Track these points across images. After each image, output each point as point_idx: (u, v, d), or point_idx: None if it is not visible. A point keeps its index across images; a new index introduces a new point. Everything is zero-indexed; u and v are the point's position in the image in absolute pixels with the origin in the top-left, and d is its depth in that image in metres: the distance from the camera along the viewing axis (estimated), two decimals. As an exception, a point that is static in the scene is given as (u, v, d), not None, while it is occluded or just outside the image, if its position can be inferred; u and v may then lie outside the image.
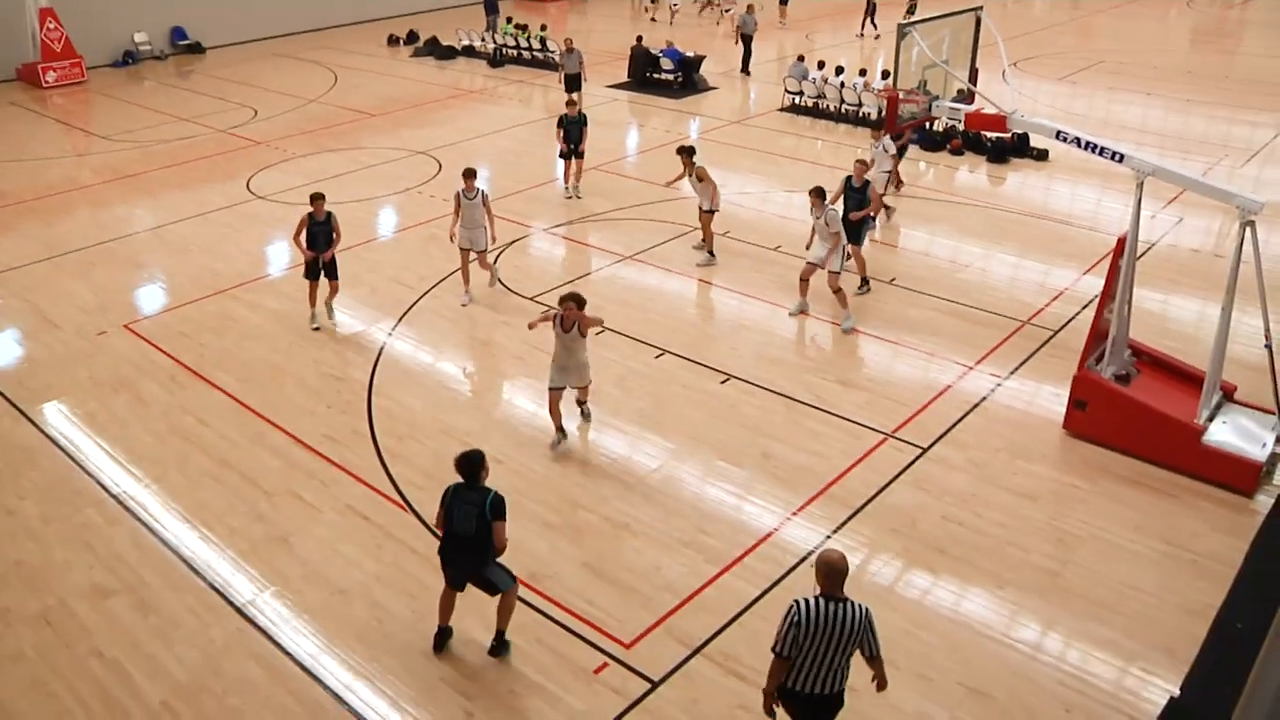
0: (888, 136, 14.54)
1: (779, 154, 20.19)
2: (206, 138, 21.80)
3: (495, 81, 26.68)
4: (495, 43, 28.99)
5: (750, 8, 27.76)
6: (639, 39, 26.07)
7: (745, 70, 26.69)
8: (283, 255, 15.18)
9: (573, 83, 21.45)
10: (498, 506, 7.22)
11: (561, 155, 17.26)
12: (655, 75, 25.99)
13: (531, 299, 13.41)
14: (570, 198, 17.18)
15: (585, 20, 38.21)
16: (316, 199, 12.08)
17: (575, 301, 9.71)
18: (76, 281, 14.26)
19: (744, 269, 14.42)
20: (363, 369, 11.74)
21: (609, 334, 12.50)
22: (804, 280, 12.84)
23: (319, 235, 12.22)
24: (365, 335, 12.53)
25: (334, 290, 12.65)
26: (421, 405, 10.97)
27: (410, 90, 25.71)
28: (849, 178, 13.34)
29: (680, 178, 14.52)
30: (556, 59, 27.04)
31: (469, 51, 29.97)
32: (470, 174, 12.84)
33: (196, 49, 32.94)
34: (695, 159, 14.12)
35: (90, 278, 14.44)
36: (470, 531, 7.27)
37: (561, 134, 17.02)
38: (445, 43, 30.60)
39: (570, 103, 17.41)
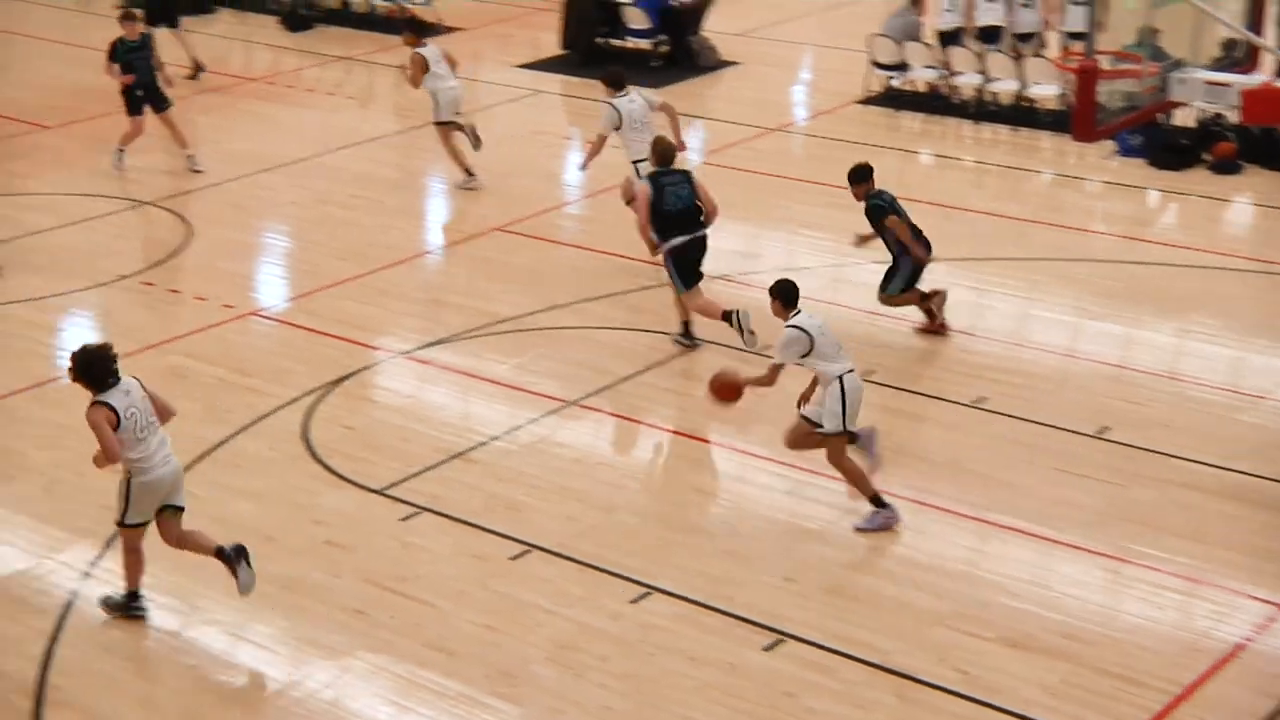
0: None
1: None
2: None
3: (299, 58, 27.58)
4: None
5: None
6: (579, -27, 27.06)
7: None
8: None
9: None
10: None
11: (132, 109, 21.32)
12: (615, 42, 26.92)
13: (382, 493, 13.62)
14: (197, 170, 21.43)
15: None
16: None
17: None
18: None
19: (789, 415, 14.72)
20: (29, 648, 11.77)
21: (538, 561, 12.65)
22: None
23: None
24: (36, 576, 12.66)
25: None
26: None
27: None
28: None
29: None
30: (412, 7, 28.11)
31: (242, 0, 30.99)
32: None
33: None
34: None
35: None
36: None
37: (120, 70, 21.05)
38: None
39: (128, 16, 21.69)
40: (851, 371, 12.66)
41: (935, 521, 13.17)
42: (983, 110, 23.55)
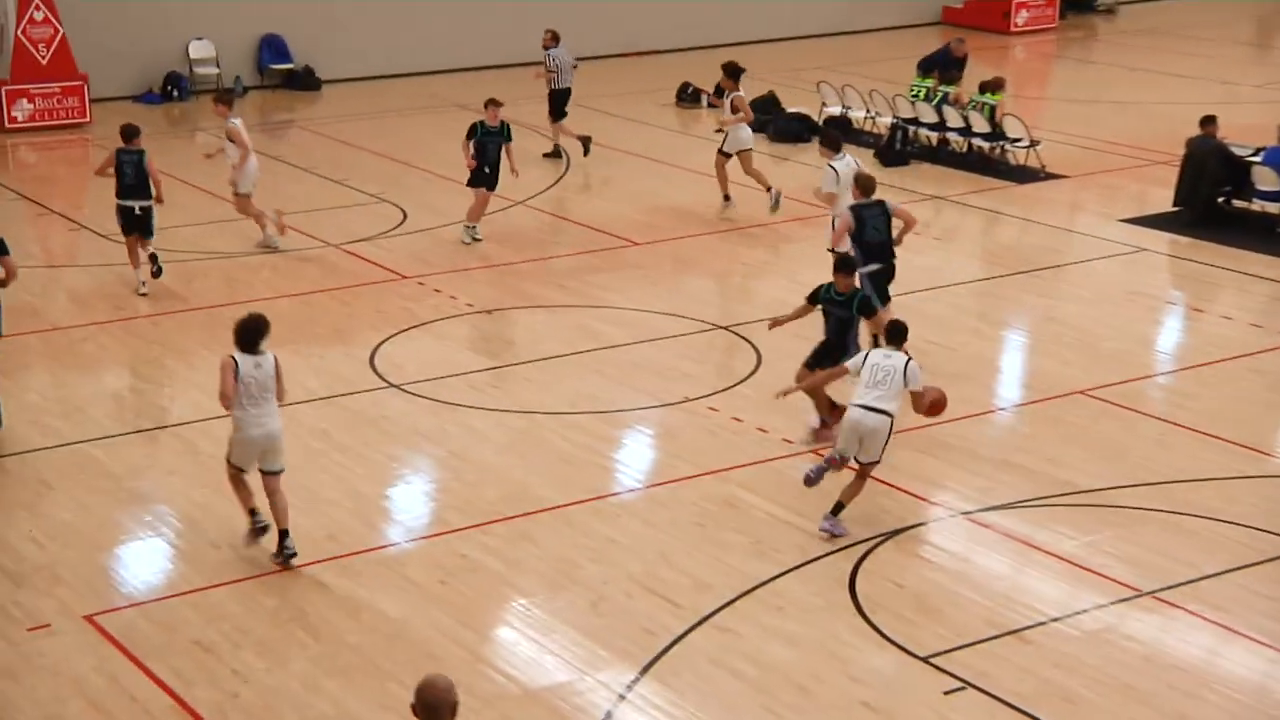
0: None
1: None
2: (302, 256, 23.64)
3: (893, 195, 27.35)
4: (897, 117, 30.34)
5: None
6: (1207, 123, 26.06)
7: None
8: (417, 505, 15.99)
9: (560, 102, 29.76)
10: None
11: (472, 181, 24.45)
12: (1238, 203, 26.10)
13: (926, 660, 13.20)
14: (472, 241, 24.71)
15: (1091, 71, 40.26)
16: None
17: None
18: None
19: None
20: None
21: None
22: None
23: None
24: (576, 692, 12.95)
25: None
26: None
27: (714, 195, 26.96)
28: None
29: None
30: (1019, 140, 28.32)
31: (839, 127, 30.98)
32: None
33: (304, 81, 36.32)
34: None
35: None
36: None
37: (473, 150, 24.28)
38: (791, 109, 32.30)
39: (491, 103, 24.41)
40: (859, 408, 15.21)
41: None
42: None
